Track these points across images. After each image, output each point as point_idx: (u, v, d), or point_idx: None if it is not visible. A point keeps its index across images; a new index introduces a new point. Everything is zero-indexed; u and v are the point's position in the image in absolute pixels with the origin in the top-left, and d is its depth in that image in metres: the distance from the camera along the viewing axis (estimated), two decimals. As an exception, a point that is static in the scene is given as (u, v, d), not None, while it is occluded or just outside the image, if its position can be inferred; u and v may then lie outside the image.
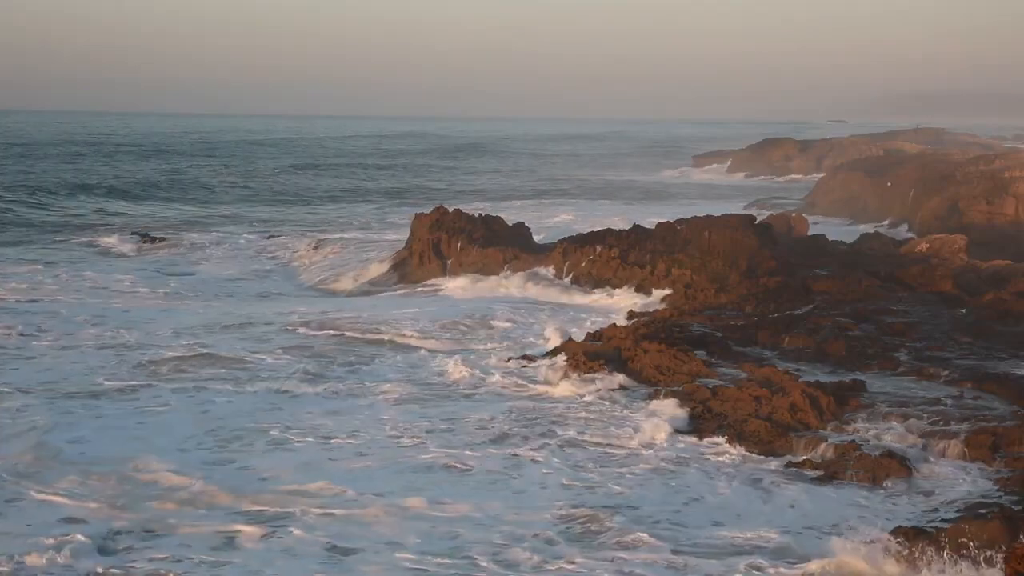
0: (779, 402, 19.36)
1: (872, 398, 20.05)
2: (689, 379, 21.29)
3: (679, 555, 13.91)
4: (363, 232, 50.04)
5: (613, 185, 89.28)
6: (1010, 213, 43.01)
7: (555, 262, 34.03)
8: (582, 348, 23.30)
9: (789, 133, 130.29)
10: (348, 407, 20.59)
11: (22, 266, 39.14)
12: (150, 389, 21.69)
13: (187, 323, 28.25)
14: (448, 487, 16.26)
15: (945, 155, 66.20)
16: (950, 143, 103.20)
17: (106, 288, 35.02)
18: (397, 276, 36.55)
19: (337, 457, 17.60)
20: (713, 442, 18.38)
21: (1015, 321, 25.90)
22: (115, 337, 26.38)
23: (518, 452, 17.85)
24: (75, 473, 16.45)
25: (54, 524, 14.48)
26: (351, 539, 14.23)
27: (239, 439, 18.49)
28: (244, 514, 15.01)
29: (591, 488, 16.28)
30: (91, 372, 22.92)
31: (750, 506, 15.77)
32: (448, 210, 37.97)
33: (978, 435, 17.75)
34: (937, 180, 49.76)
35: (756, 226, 34.40)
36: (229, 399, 21.08)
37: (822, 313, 26.30)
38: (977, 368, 22.00)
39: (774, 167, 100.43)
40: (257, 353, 24.64)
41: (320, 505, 15.36)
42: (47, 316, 28.95)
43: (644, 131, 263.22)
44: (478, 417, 19.70)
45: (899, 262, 33.59)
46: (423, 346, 25.78)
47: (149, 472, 16.56)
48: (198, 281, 37.73)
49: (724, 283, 30.60)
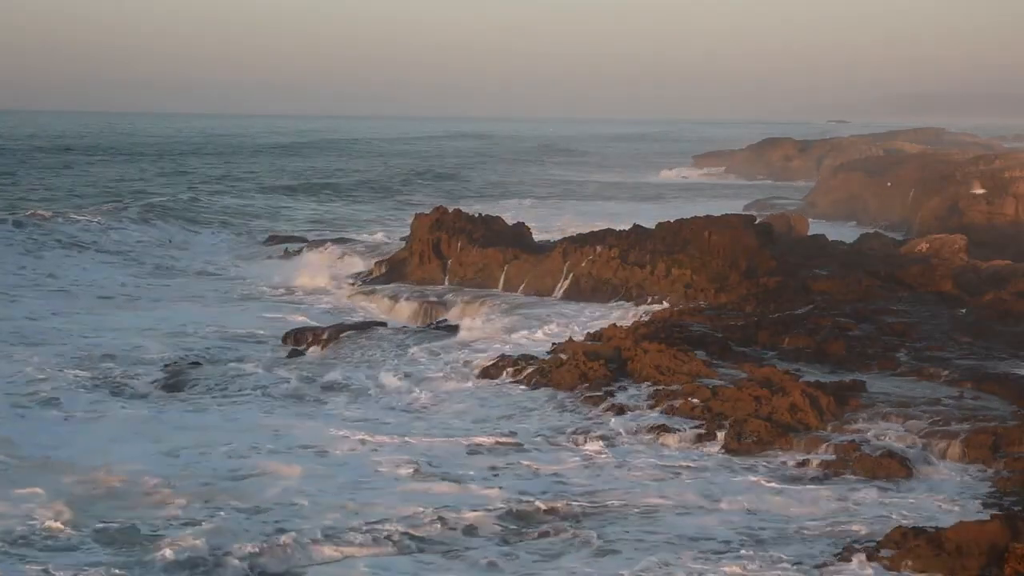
0: (779, 402, 19.36)
1: (872, 398, 20.04)
2: (689, 379, 21.29)
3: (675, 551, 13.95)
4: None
5: (612, 184, 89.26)
6: (1010, 213, 43.04)
7: (556, 266, 33.92)
8: (582, 348, 23.30)
9: (789, 133, 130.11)
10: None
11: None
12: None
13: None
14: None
15: (945, 155, 66.21)
16: (950, 143, 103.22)
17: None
18: (391, 276, 36.49)
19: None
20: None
21: (1015, 321, 25.90)
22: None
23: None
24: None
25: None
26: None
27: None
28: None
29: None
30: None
31: (749, 505, 15.80)
32: (448, 210, 37.95)
33: (978, 435, 17.75)
34: (937, 180, 49.79)
35: (756, 226, 34.38)
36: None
37: (822, 313, 26.29)
38: (977, 368, 21.98)
39: (774, 167, 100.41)
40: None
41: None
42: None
43: (646, 131, 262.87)
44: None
45: (899, 262, 33.57)
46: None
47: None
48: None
49: (724, 283, 30.58)
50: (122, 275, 39.10)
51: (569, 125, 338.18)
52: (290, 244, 46.07)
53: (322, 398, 22.39)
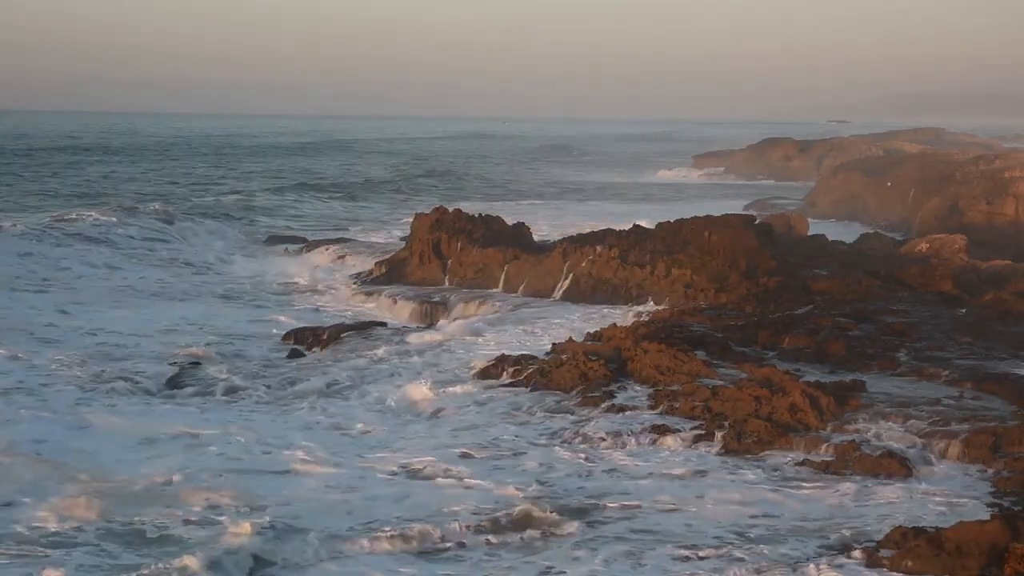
0: (779, 402, 19.35)
1: (872, 398, 20.04)
2: (689, 379, 21.28)
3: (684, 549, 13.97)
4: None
5: (612, 185, 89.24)
6: (1010, 213, 43.05)
7: (556, 266, 33.93)
8: (582, 348, 23.29)
9: (789, 133, 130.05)
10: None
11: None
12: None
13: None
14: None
15: (945, 155, 66.23)
16: (950, 143, 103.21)
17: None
18: (391, 276, 36.50)
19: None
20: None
21: (1015, 321, 25.90)
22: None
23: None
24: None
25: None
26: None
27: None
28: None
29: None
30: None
31: (749, 505, 15.81)
32: (448, 210, 37.96)
33: (978, 435, 17.75)
34: (937, 180, 49.81)
35: (756, 226, 34.38)
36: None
37: (822, 313, 26.29)
38: (977, 368, 21.98)
39: (774, 167, 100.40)
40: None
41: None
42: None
43: (648, 130, 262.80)
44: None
45: (899, 262, 33.58)
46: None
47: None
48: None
49: (724, 283, 30.59)
50: (126, 272, 39.08)
51: (569, 125, 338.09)
52: (290, 244, 46.10)
53: (321, 398, 22.38)
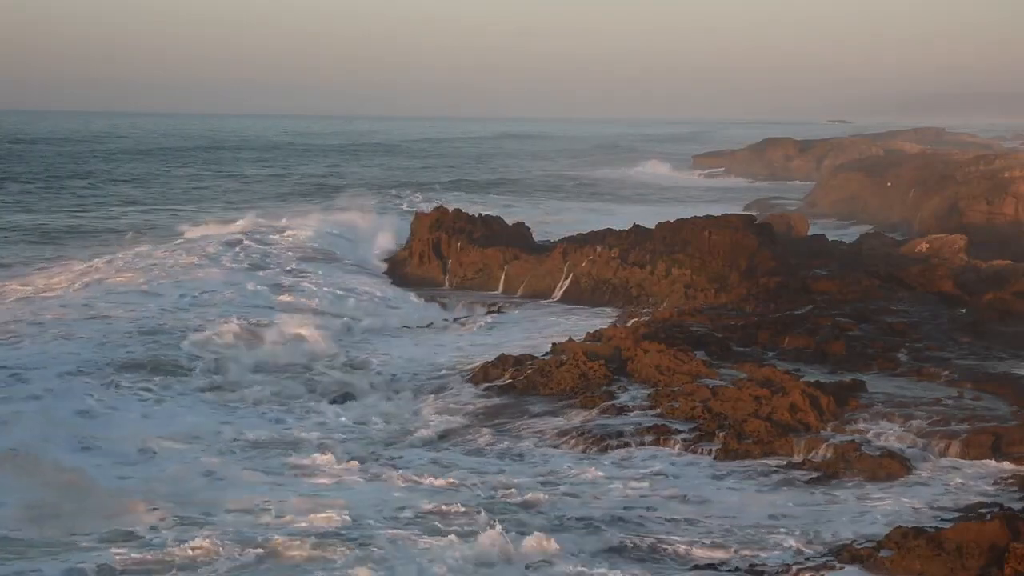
0: (779, 402, 19.34)
1: (872, 398, 20.04)
2: (689, 379, 21.27)
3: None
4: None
5: (611, 184, 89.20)
6: (1010, 213, 43.04)
7: (556, 266, 33.92)
8: (582, 348, 23.28)
9: (789, 133, 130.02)
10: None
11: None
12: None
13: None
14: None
15: (945, 155, 66.23)
16: (950, 143, 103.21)
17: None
18: (391, 276, 36.50)
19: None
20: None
21: (1015, 321, 25.92)
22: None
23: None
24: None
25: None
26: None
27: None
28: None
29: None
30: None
31: (749, 504, 15.80)
32: (448, 210, 37.95)
33: (978, 435, 17.76)
34: (937, 180, 49.80)
35: (756, 226, 34.40)
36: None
37: (822, 313, 26.29)
38: (977, 368, 22.00)
39: (774, 167, 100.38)
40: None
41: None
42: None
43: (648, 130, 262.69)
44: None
45: (899, 262, 33.59)
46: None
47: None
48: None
49: (724, 283, 30.60)
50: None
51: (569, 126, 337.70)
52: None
53: (320, 398, 22.37)
